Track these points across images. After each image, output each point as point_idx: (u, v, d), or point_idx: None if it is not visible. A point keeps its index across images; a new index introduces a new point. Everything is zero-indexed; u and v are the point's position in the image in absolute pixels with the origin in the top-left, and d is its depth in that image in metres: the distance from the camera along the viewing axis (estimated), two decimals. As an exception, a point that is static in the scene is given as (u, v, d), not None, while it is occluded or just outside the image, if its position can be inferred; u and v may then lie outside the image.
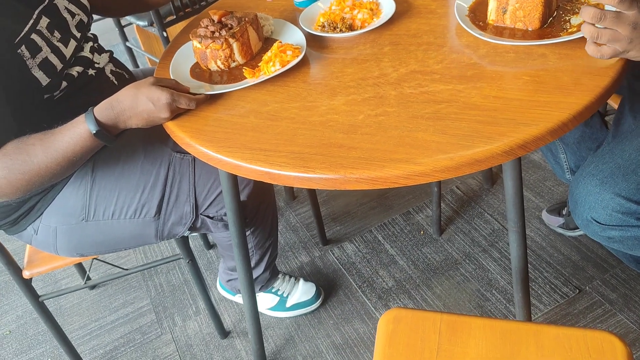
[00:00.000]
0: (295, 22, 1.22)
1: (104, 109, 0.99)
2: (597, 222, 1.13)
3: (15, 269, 1.32)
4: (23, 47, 1.02)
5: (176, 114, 1.00)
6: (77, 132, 0.98)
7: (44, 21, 1.08)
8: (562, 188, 1.90)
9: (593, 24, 0.85)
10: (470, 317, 0.95)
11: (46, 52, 1.06)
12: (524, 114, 0.83)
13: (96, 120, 0.98)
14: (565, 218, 1.72)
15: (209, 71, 1.11)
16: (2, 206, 1.14)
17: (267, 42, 1.17)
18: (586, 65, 0.91)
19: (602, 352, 0.86)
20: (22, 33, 1.02)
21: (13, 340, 1.80)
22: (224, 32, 1.07)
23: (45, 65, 1.05)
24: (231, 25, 1.09)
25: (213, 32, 1.08)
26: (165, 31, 2.22)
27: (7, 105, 1.00)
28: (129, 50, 2.78)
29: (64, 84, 1.10)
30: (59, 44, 1.09)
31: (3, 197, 1.02)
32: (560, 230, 1.74)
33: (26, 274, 1.33)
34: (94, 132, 0.98)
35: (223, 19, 1.10)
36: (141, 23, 2.31)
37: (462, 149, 0.80)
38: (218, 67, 1.10)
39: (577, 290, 1.57)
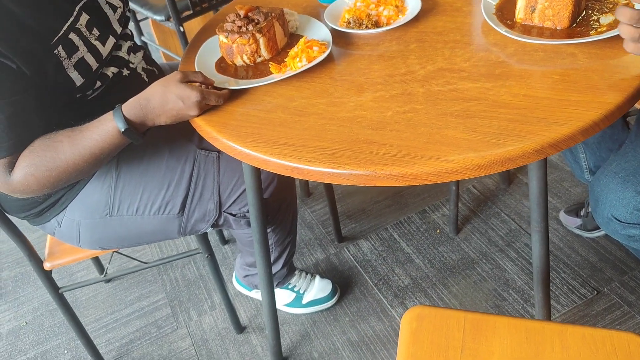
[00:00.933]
0: (319, 18, 1.22)
1: (132, 107, 0.98)
2: (618, 220, 1.12)
3: (37, 261, 1.33)
4: (60, 47, 1.01)
5: (204, 110, 1.00)
6: (105, 130, 0.99)
7: (84, 18, 1.07)
8: (579, 189, 1.89)
9: (631, 25, 0.84)
10: (495, 316, 0.95)
11: (83, 51, 1.05)
12: (554, 113, 0.83)
13: (124, 118, 0.98)
14: (583, 219, 1.72)
15: (234, 66, 1.11)
16: (26, 199, 1.15)
17: (292, 37, 1.17)
18: (617, 65, 0.90)
19: (629, 353, 0.86)
20: (61, 32, 1.02)
21: (29, 331, 1.81)
22: (250, 27, 1.07)
23: (80, 65, 1.05)
24: (258, 20, 1.09)
25: (240, 27, 1.08)
26: (182, 26, 2.22)
27: (37, 104, 1.00)
28: (144, 45, 2.79)
29: (98, 83, 1.10)
30: (97, 43, 1.08)
31: (30, 193, 1.02)
32: (577, 232, 1.73)
33: (47, 266, 1.34)
34: (123, 130, 0.98)
35: (250, 14, 1.10)
36: (157, 17, 2.32)
37: (493, 147, 0.79)
38: (244, 62, 1.10)
39: (595, 292, 1.56)
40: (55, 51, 1.01)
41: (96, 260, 1.88)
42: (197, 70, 1.09)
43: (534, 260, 1.13)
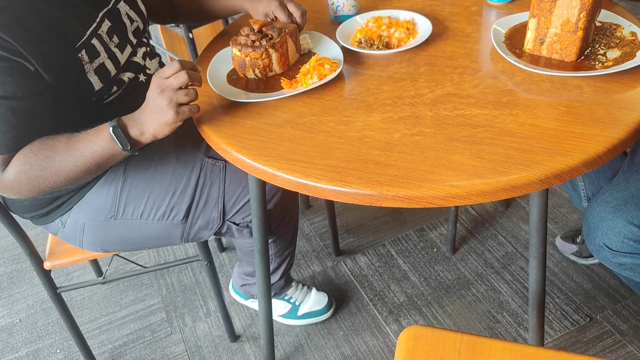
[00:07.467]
0: (331, 35, 1.24)
1: (127, 116, 0.98)
2: (609, 248, 1.14)
3: (37, 260, 1.33)
4: (83, 51, 1.03)
5: (177, 100, 0.92)
6: (99, 134, 0.97)
7: (106, 25, 1.10)
8: (576, 215, 1.91)
9: None
10: (490, 340, 0.96)
11: (103, 57, 1.07)
12: (559, 144, 0.85)
13: (118, 122, 0.96)
14: (579, 246, 1.73)
15: (245, 79, 1.13)
16: (35, 200, 1.16)
17: (304, 54, 1.19)
18: (622, 100, 0.92)
19: (620, 383, 0.87)
20: (85, 37, 1.04)
21: (23, 329, 1.81)
22: (264, 42, 1.09)
23: (100, 70, 1.07)
24: (271, 35, 1.11)
25: (253, 42, 1.09)
26: (191, 32, 2.24)
27: (50, 106, 1.00)
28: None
29: (115, 88, 1.12)
30: (116, 50, 1.11)
31: (17, 194, 1.00)
32: (573, 258, 1.75)
33: (47, 265, 1.35)
34: (111, 128, 0.95)
35: (263, 29, 1.12)
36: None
37: (498, 175, 0.81)
38: (255, 75, 1.12)
39: (588, 319, 1.58)
40: (79, 55, 1.03)
41: (94, 261, 1.89)
42: (209, 81, 1.10)
43: (530, 285, 1.15)
